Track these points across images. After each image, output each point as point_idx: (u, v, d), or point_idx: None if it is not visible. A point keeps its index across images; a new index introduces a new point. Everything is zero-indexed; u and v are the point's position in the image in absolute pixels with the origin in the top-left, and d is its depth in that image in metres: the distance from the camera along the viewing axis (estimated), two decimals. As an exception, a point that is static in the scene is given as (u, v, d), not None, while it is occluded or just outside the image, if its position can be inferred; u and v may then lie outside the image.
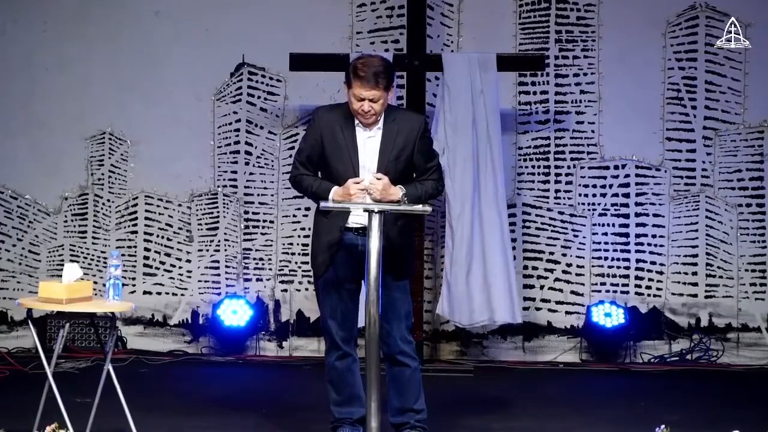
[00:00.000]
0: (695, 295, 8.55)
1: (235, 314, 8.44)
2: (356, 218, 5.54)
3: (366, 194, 5.45)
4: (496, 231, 7.89)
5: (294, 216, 8.61)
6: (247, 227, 8.64)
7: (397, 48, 8.41)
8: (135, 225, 8.66)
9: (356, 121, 5.57)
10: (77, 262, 8.23)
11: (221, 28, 8.54)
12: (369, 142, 5.57)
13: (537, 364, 8.43)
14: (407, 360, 5.66)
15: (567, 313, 8.57)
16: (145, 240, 8.66)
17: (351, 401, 5.69)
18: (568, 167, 8.57)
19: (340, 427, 5.68)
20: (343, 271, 5.61)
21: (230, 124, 8.64)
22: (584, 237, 8.56)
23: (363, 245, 5.44)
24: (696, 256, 8.54)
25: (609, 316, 8.37)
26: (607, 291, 8.55)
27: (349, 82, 5.50)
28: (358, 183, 5.47)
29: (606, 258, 8.56)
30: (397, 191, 5.48)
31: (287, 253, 8.62)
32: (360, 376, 5.66)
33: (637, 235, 8.56)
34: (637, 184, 8.56)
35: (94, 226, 8.66)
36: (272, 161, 8.62)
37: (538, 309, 8.58)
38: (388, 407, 5.65)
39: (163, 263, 8.65)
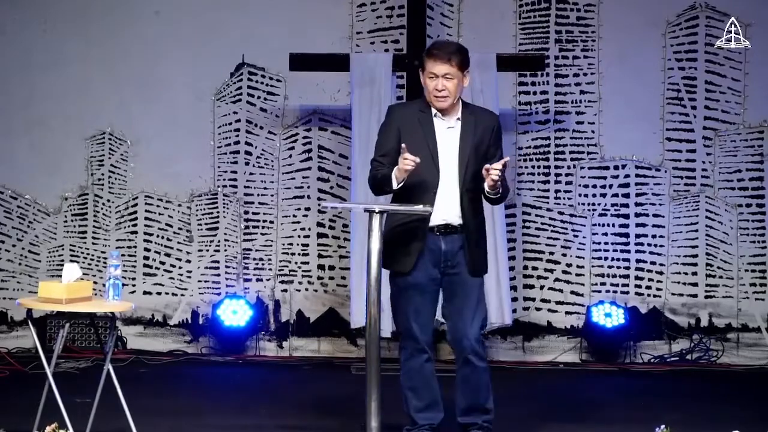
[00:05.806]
0: (695, 295, 8.55)
1: (235, 314, 8.44)
2: (438, 217, 5.49)
3: (413, 164, 5.33)
4: (493, 232, 7.87)
5: (294, 216, 8.61)
6: (247, 227, 8.64)
7: (397, 48, 8.40)
8: (135, 225, 8.66)
9: (434, 112, 5.53)
10: (77, 262, 8.23)
11: (221, 28, 8.54)
12: (449, 133, 5.53)
13: (537, 364, 8.43)
14: (480, 360, 5.63)
15: (567, 313, 8.57)
16: (145, 240, 8.65)
17: (432, 407, 5.64)
18: (568, 167, 8.56)
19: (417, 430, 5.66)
20: (425, 272, 5.55)
21: (230, 124, 8.63)
22: (584, 237, 8.56)
23: (444, 245, 5.48)
24: (696, 256, 8.54)
25: (609, 316, 8.37)
26: (607, 291, 8.55)
27: (423, 66, 5.51)
28: (407, 158, 5.33)
29: (606, 258, 8.56)
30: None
31: (287, 253, 8.62)
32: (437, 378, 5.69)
33: (637, 235, 8.55)
34: (637, 184, 8.55)
35: (94, 226, 8.66)
36: (272, 161, 8.62)
37: (538, 309, 8.57)
38: (457, 407, 5.65)
39: (163, 263, 8.65)
